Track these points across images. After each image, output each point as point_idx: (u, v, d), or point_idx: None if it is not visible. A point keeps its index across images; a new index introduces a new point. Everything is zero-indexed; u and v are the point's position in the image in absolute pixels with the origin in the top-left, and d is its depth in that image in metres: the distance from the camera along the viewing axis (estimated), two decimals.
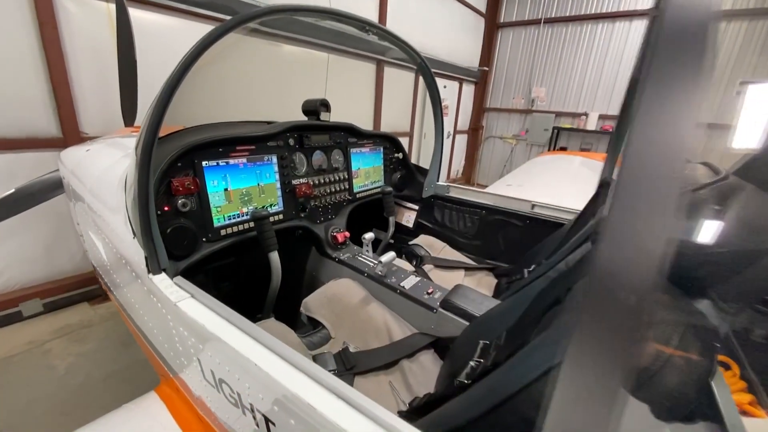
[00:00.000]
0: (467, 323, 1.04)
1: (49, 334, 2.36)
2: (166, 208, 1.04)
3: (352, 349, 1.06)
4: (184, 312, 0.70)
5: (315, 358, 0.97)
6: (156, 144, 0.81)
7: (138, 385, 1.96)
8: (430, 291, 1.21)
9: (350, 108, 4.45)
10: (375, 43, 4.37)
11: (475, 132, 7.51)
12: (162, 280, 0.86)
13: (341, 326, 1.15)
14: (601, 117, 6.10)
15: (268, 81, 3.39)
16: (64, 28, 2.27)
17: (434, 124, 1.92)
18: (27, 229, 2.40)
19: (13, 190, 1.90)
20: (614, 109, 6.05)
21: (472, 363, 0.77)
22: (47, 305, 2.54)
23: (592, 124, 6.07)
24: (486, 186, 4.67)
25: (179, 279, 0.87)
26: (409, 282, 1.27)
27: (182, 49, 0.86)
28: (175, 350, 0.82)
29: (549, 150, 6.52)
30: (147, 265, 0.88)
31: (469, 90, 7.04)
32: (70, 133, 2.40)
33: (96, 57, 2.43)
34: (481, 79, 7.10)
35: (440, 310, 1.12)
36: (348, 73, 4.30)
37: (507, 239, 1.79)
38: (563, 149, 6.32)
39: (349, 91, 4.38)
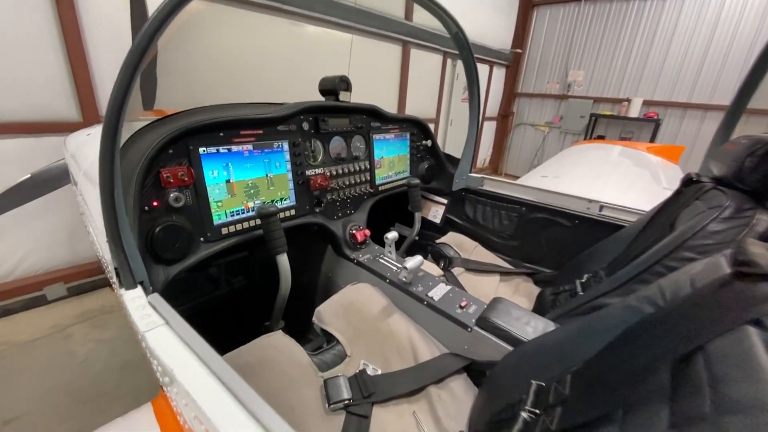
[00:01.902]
0: (510, 348, 0.87)
1: (71, 318, 2.38)
2: (154, 204, 0.89)
3: (370, 371, 0.91)
4: (152, 348, 0.56)
5: (326, 383, 0.83)
6: (121, 124, 0.66)
7: (153, 377, 1.94)
8: (463, 304, 1.03)
9: (373, 92, 4.25)
10: (402, 23, 4.13)
11: (504, 119, 7.11)
12: (134, 300, 0.71)
13: (358, 341, 1.00)
14: (646, 103, 5.59)
15: (287, 63, 3.26)
16: (81, 7, 2.20)
17: (469, 107, 1.69)
18: (51, 214, 2.40)
19: (28, 176, 1.87)
20: (661, 95, 5.53)
21: (524, 415, 0.60)
22: (71, 289, 2.57)
23: (634, 110, 5.57)
24: (517, 177, 4.34)
25: (155, 298, 0.72)
26: (438, 291, 1.10)
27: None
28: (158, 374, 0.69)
29: (585, 138, 6.08)
30: (117, 278, 0.75)
31: (499, 74, 6.63)
32: (90, 116, 2.37)
33: (115, 38, 2.36)
34: (513, 62, 6.66)
35: (476, 328, 0.94)
36: (372, 55, 4.08)
37: (551, 240, 1.57)
38: (601, 138, 5.87)
39: (372, 74, 4.17)
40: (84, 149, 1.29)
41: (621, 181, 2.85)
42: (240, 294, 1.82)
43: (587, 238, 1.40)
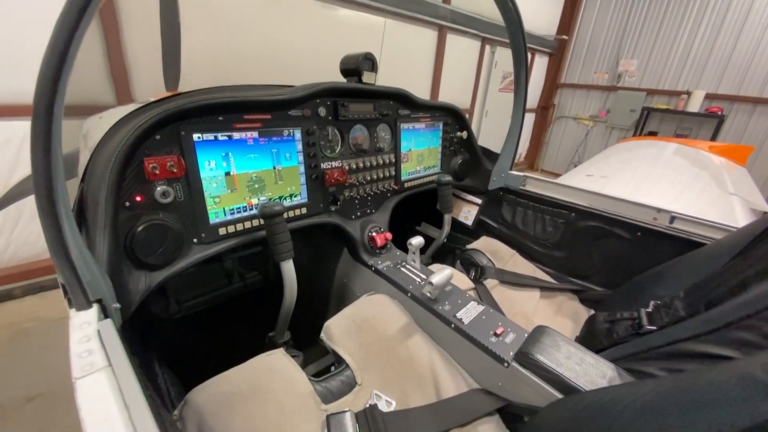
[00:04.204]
0: (559, 394, 0.70)
1: None
2: (137, 199, 0.77)
3: (383, 406, 0.77)
4: (79, 405, 0.44)
5: (329, 419, 0.70)
6: (60, 98, 0.50)
7: None
8: (498, 331, 0.86)
9: (405, 79, 4.05)
10: (439, 6, 3.89)
11: (544, 111, 6.66)
12: (80, 326, 0.55)
13: (371, 367, 0.86)
14: (708, 97, 5.02)
15: (318, 47, 3.14)
16: None
17: (515, 94, 1.47)
18: None
19: None
20: (727, 88, 4.96)
21: None
22: None
23: (695, 105, 5.02)
24: (556, 174, 3.98)
25: (107, 327, 0.55)
26: (469, 312, 0.93)
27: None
28: None
29: (635, 135, 5.57)
30: (65, 294, 0.61)
31: (542, 62, 6.18)
32: (124, 99, 2.40)
33: (148, 22, 2.35)
34: (557, 49, 6.19)
35: (514, 365, 0.78)
36: (405, 40, 3.89)
37: (604, 254, 1.36)
38: (653, 134, 5.35)
39: (404, 60, 3.97)
40: (92, 133, 1.22)
41: (674, 182, 2.54)
42: (253, 290, 1.73)
43: (652, 254, 1.18)
